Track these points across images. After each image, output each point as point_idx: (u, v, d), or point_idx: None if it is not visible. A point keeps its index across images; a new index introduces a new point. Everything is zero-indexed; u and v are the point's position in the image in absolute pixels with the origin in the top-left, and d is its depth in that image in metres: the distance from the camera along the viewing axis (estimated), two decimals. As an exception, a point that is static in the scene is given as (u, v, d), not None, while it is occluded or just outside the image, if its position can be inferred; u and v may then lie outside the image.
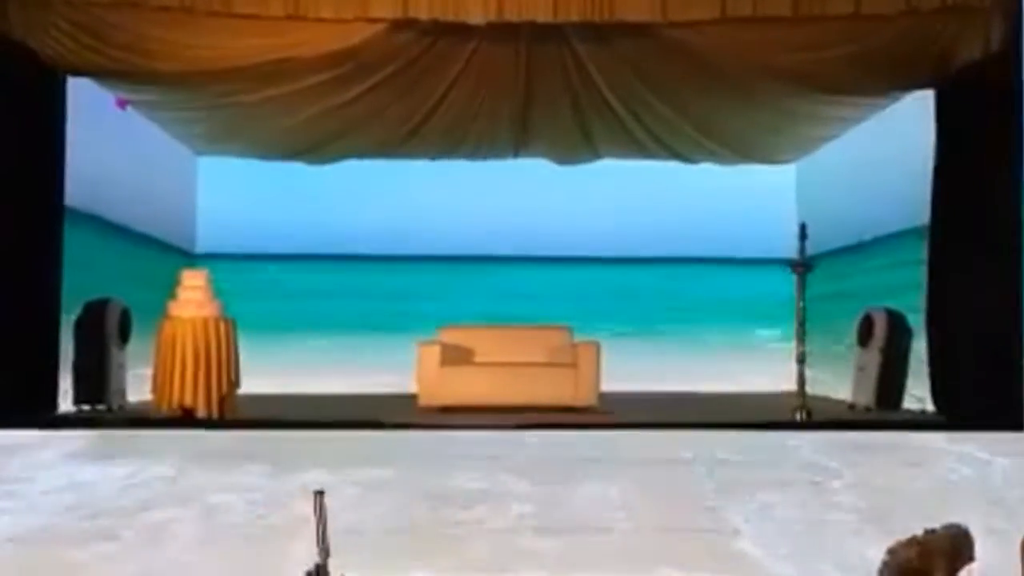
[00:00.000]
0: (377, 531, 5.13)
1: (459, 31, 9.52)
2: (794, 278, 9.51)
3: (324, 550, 3.24)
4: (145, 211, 11.84)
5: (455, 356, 10.47)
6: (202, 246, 13.67)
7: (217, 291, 9.53)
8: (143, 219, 11.79)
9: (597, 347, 10.33)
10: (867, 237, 11.55)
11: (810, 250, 9.57)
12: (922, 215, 9.64)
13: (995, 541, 3.15)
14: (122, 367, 9.91)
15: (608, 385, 10.27)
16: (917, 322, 9.88)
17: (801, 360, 9.33)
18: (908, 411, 9.86)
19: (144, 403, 9.70)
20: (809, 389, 9.38)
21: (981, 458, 7.36)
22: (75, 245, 9.47)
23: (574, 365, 10.20)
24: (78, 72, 9.32)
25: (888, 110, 10.62)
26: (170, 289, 9.49)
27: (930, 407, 9.50)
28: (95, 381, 9.52)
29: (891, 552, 2.66)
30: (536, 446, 7.57)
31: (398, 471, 6.64)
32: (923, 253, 9.65)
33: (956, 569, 2.74)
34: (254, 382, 9.82)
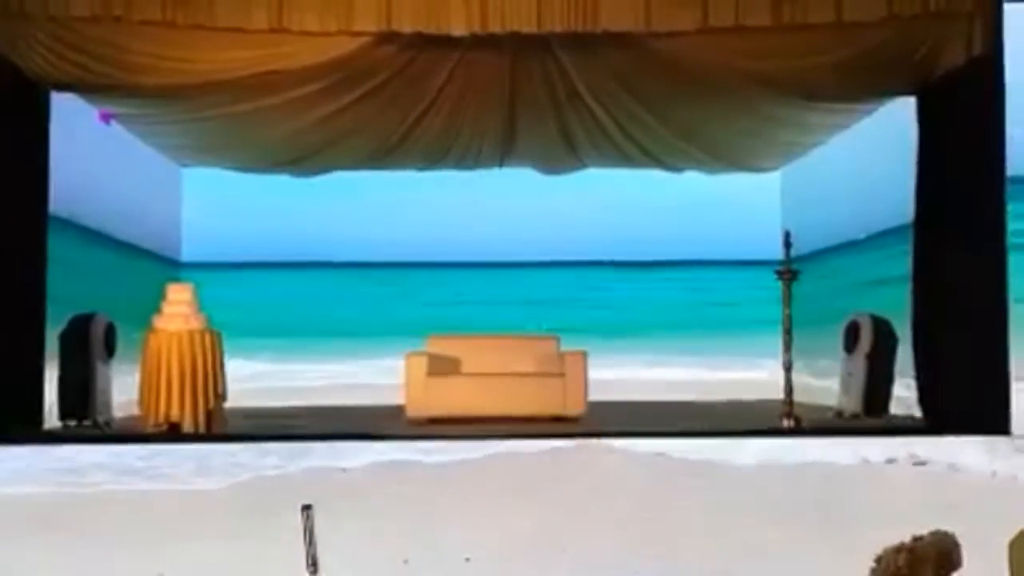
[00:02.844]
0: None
1: (443, 43, 9.53)
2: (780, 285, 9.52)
3: (313, 562, 3.23)
4: (130, 221, 11.84)
5: (442, 366, 10.46)
6: (187, 255, 13.67)
7: (202, 301, 9.51)
8: (128, 229, 11.80)
9: (584, 356, 10.33)
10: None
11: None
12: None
13: (982, 546, 3.15)
14: (108, 382, 9.87)
15: (596, 394, 10.30)
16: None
17: (788, 367, 9.33)
18: (895, 416, 9.88)
19: (130, 417, 9.67)
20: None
21: (968, 462, 7.39)
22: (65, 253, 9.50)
23: (562, 374, 10.20)
24: (61, 86, 9.29)
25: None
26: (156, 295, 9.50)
27: (917, 412, 9.53)
28: (80, 396, 9.47)
29: (879, 559, 2.66)
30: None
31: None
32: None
33: (944, 575, 2.74)
34: (241, 396, 9.81)
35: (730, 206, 14.93)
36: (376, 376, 13.05)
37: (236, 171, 13.20)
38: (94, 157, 10.59)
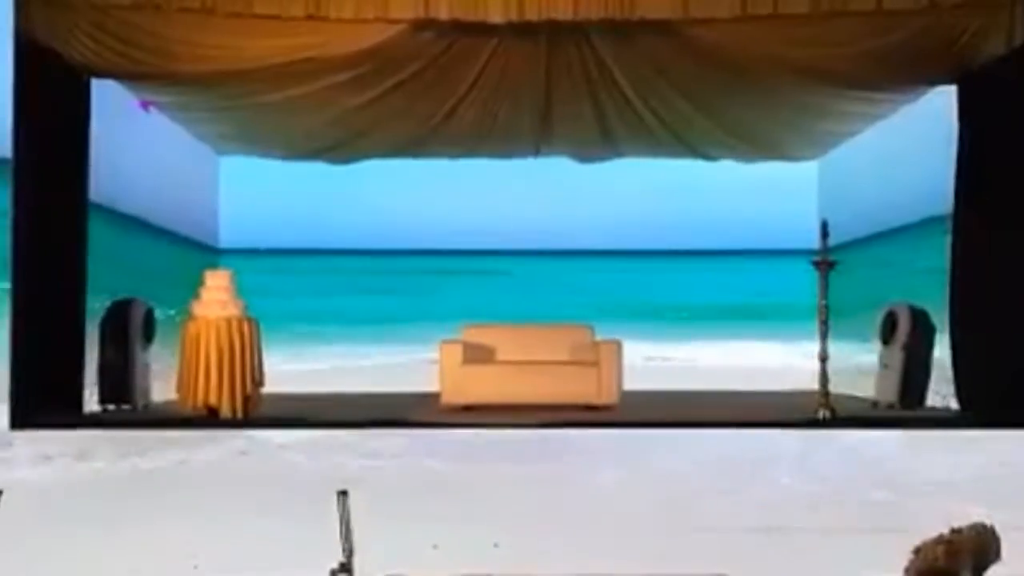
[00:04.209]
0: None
1: (479, 30, 9.52)
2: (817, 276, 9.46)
3: (348, 548, 3.25)
4: (169, 208, 11.96)
5: (477, 354, 10.48)
6: (225, 241, 13.77)
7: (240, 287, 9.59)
8: (168, 215, 11.92)
9: (619, 345, 10.32)
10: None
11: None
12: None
13: (1021, 539, 3.14)
14: (146, 366, 9.97)
15: (629, 384, 10.29)
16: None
17: (823, 358, 9.28)
18: (932, 408, 9.81)
19: (169, 402, 9.76)
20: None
21: (1002, 454, 7.33)
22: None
23: (596, 363, 10.19)
24: (101, 74, 9.38)
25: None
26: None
27: (954, 404, 9.46)
28: (120, 381, 9.58)
29: (917, 551, 2.65)
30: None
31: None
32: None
33: (983, 567, 2.73)
34: (279, 380, 9.89)
35: (766, 194, 14.86)
36: (411, 363, 13.12)
37: (273, 159, 13.28)
38: (134, 144, 10.69)
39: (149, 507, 5.66)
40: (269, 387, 9.59)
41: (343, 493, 3.23)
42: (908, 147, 11.05)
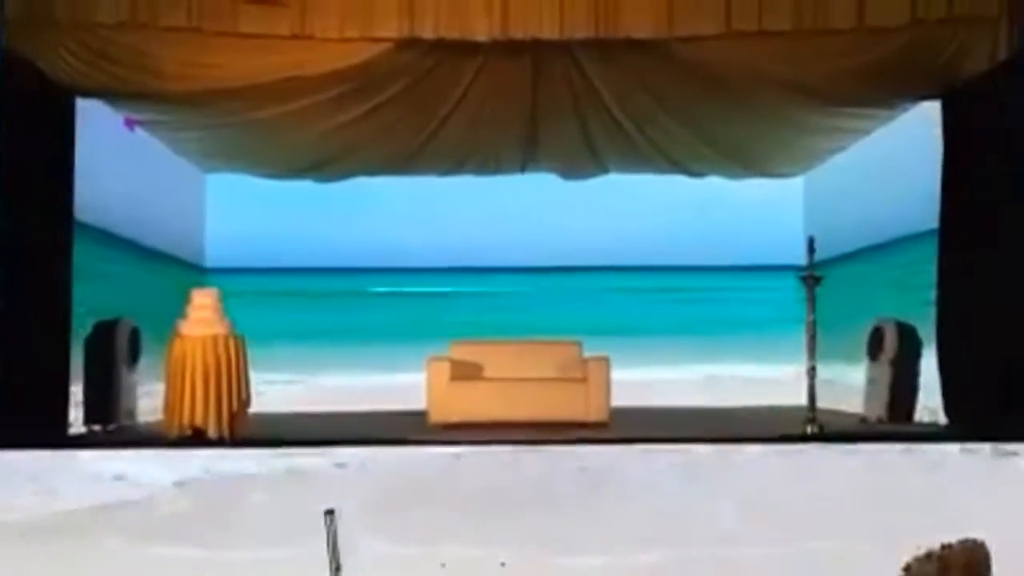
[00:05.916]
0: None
1: (464, 49, 9.54)
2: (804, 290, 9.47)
3: (335, 567, 3.23)
4: (155, 226, 11.91)
5: (465, 371, 10.45)
6: (211, 260, 13.72)
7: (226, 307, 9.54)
8: (153, 234, 11.87)
9: (607, 362, 10.30)
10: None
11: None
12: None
13: (1011, 554, 3.13)
14: (132, 387, 9.91)
15: (618, 400, 10.27)
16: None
17: (811, 373, 9.29)
18: (920, 423, 9.81)
19: (155, 423, 9.70)
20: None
21: (995, 469, 7.34)
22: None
23: (584, 380, 10.17)
24: (87, 92, 9.35)
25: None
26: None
27: (942, 419, 9.46)
28: (105, 401, 9.52)
29: (907, 568, 2.64)
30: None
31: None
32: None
33: (973, 583, 2.72)
34: (265, 401, 9.84)
35: (752, 211, 14.88)
36: (399, 381, 13.08)
37: (259, 177, 13.26)
38: (119, 163, 10.65)
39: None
40: (256, 407, 9.54)
41: (330, 512, 3.21)
42: (893, 162, 11.09)
